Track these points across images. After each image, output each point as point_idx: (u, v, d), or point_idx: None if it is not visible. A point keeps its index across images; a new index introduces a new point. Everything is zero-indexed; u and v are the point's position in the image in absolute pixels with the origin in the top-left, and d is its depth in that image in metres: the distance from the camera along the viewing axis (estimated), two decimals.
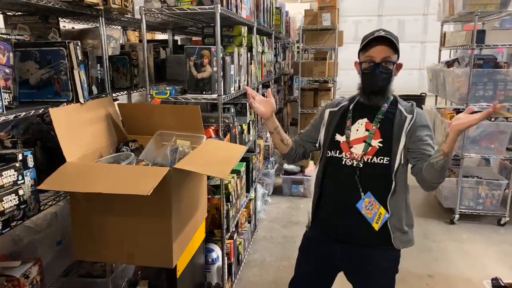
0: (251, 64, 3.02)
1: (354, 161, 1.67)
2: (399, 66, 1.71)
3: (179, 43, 4.01)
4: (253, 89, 3.20)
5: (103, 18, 2.29)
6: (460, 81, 3.61)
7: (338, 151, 1.72)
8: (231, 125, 2.63)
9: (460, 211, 3.79)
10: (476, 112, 1.47)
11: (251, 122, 3.17)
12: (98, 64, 2.37)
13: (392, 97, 1.74)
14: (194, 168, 1.66)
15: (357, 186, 1.65)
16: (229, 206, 2.48)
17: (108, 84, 2.39)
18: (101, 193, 1.47)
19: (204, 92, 2.27)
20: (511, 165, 3.85)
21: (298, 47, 6.67)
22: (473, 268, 3.07)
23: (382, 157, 1.65)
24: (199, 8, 2.12)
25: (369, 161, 1.66)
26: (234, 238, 2.77)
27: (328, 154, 1.75)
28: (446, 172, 1.58)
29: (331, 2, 5.02)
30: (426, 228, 3.73)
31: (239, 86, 2.69)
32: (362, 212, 1.64)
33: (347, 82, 8.79)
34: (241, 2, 2.66)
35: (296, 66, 5.37)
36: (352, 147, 1.69)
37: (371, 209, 1.64)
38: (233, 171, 2.74)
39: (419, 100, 7.47)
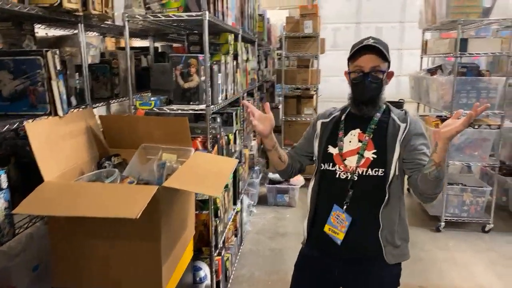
0: (237, 72, 2.93)
1: (348, 174, 1.61)
2: (390, 74, 1.67)
3: (159, 50, 3.88)
4: (238, 98, 3.12)
5: (82, 25, 2.16)
6: (444, 89, 3.62)
7: (331, 164, 1.66)
8: (218, 136, 2.53)
9: (445, 219, 3.79)
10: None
11: (237, 131, 3.07)
12: (77, 73, 2.23)
13: (384, 106, 1.69)
14: (185, 186, 1.55)
15: (346, 197, 1.60)
16: (218, 222, 2.37)
17: (88, 94, 2.25)
18: None
19: (191, 103, 2.16)
20: (493, 172, 3.88)
21: (278, 54, 6.63)
22: (463, 277, 3.05)
23: (377, 169, 1.59)
24: (186, 15, 2.02)
25: (363, 173, 1.60)
26: (222, 254, 2.65)
27: (322, 167, 1.70)
28: (441, 183, 1.51)
29: (313, 10, 5.01)
30: (412, 236, 3.60)
31: (226, 95, 2.59)
32: (331, 212, 1.61)
33: (327, 90, 8.83)
34: (227, 9, 2.57)
35: (279, 73, 5.31)
36: (345, 159, 1.64)
37: (337, 222, 1.61)
38: None
39: (397, 107, 7.51)
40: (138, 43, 4.15)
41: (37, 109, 1.74)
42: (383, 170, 1.58)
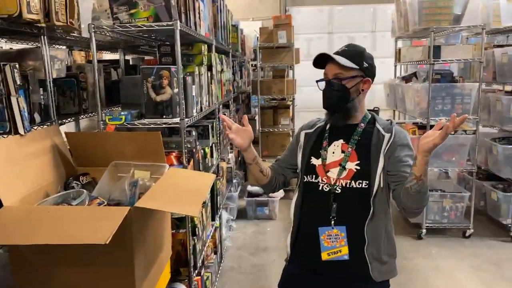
0: (211, 83, 2.85)
1: (331, 186, 1.55)
2: (367, 82, 1.60)
3: (130, 63, 3.76)
4: (214, 110, 3.02)
5: (45, 37, 2.04)
6: (419, 96, 3.64)
7: (314, 176, 1.60)
8: (194, 150, 2.42)
9: (426, 226, 3.78)
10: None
11: (213, 144, 2.97)
12: (41, 88, 2.10)
13: (369, 116, 1.64)
14: (160, 205, 1.44)
15: (330, 212, 1.53)
16: (196, 240, 2.26)
17: (53, 110, 2.11)
18: None
19: (164, 116, 2.05)
20: (471, 177, 3.90)
21: (253, 65, 6.59)
22: (449, 285, 3.02)
23: (361, 181, 1.53)
24: (156, 25, 1.92)
25: (347, 185, 1.54)
26: (202, 273, 2.53)
27: (305, 179, 1.63)
28: (425, 196, 1.43)
29: (286, 20, 5.00)
30: None
31: (201, 107, 2.49)
32: (320, 237, 1.53)
33: (301, 100, 8.84)
34: (200, 19, 2.49)
35: (254, 84, 5.25)
36: (328, 171, 1.57)
37: (333, 241, 1.52)
38: None
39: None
40: (109, 56, 4.02)
41: None
42: (367, 182, 1.52)
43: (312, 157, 1.62)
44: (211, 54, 2.89)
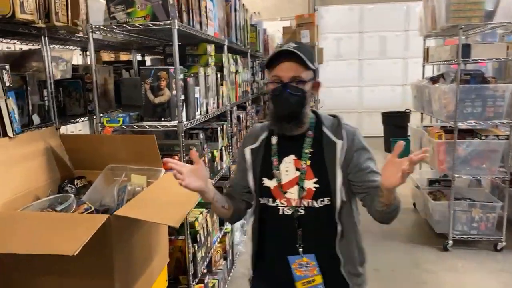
0: (222, 85, 2.76)
1: (292, 209, 1.41)
2: (317, 85, 1.44)
3: (148, 63, 3.74)
4: (225, 111, 2.94)
5: (46, 38, 2.02)
6: (446, 98, 3.40)
7: (271, 199, 1.44)
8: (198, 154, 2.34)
9: (453, 237, 3.53)
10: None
11: (223, 147, 2.89)
12: (45, 90, 2.08)
13: (313, 117, 1.45)
14: (138, 214, 1.37)
15: (296, 240, 1.41)
16: (196, 248, 2.17)
17: (54, 112, 2.09)
18: None
19: (162, 119, 1.98)
20: (504, 185, 3.62)
21: None
22: None
23: (323, 199, 1.40)
24: (153, 25, 1.85)
25: (309, 205, 1.40)
26: (206, 281, 2.45)
27: (261, 201, 1.47)
28: (398, 210, 1.35)
29: (309, 19, 4.85)
30: (417, 256, 3.45)
31: (207, 109, 2.42)
32: (292, 266, 1.40)
33: (330, 100, 8.65)
34: (206, 18, 2.41)
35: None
36: (286, 192, 1.41)
37: (305, 270, 1.41)
38: (201, 205, 2.44)
39: (403, 117, 7.31)
40: (125, 57, 4.02)
41: None
42: (329, 198, 1.39)
43: (263, 178, 1.44)
44: (221, 54, 2.82)
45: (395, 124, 7.24)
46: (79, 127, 2.96)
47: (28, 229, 1.27)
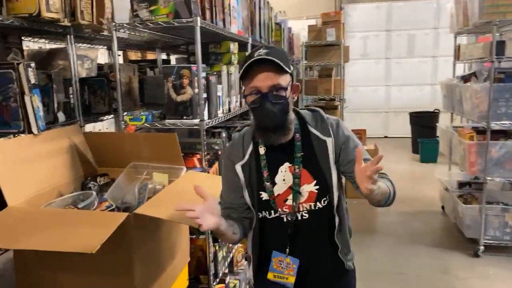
0: None
1: (291, 216, 1.39)
2: (296, 88, 1.38)
3: (173, 62, 3.75)
4: (248, 110, 2.90)
5: (71, 36, 2.04)
6: (479, 97, 3.26)
7: (272, 211, 1.40)
8: (220, 152, 2.33)
9: (484, 242, 3.39)
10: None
11: None
12: (70, 88, 2.11)
13: (296, 120, 1.40)
14: (157, 212, 1.35)
15: (287, 240, 1.41)
16: (217, 247, 2.15)
17: (79, 109, 2.12)
18: None
19: (184, 117, 1.97)
20: None
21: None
22: None
23: (324, 198, 1.40)
24: (175, 22, 1.84)
25: (312, 208, 1.39)
26: (227, 281, 2.42)
27: (260, 215, 1.43)
28: (392, 200, 1.36)
29: (335, 17, 4.76)
30: (446, 262, 3.33)
31: (230, 108, 2.39)
32: (272, 259, 1.42)
33: (356, 100, 8.51)
34: (230, 16, 2.39)
35: (299, 84, 5.08)
36: (286, 199, 1.39)
37: (282, 267, 1.42)
38: None
39: (432, 117, 7.10)
40: (152, 56, 4.05)
41: (10, 127, 1.61)
42: (327, 195, 1.40)
43: (261, 193, 1.39)
44: (245, 52, 2.79)
45: (423, 124, 7.04)
46: (105, 125, 3.00)
47: (49, 226, 1.28)
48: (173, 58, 3.92)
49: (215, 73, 2.20)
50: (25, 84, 1.57)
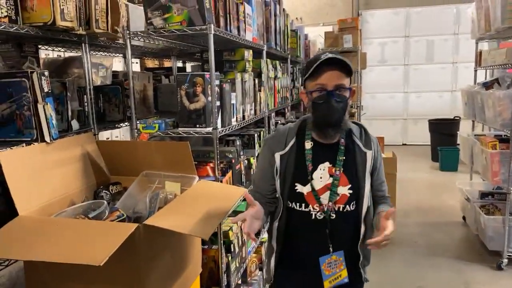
0: (260, 91, 2.71)
1: (326, 213, 1.46)
2: (353, 92, 1.50)
3: (189, 70, 3.75)
4: (263, 117, 2.88)
5: (86, 45, 2.05)
6: (502, 104, 3.16)
7: (304, 205, 1.48)
8: (233, 161, 2.30)
9: (508, 255, 3.26)
10: None
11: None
12: (85, 96, 2.11)
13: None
14: (167, 224, 1.32)
15: (327, 241, 1.47)
16: (230, 258, 2.12)
17: (93, 117, 2.12)
18: None
19: (197, 125, 1.95)
20: None
21: None
22: None
23: (353, 204, 1.49)
24: (189, 30, 1.83)
25: (340, 210, 1.48)
26: None
27: (290, 205, 1.50)
28: None
29: (352, 23, 4.71)
30: (467, 275, 3.21)
31: (244, 116, 2.36)
32: (321, 267, 1.47)
33: (374, 107, 8.40)
34: (244, 23, 2.37)
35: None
36: (320, 197, 1.46)
37: (332, 268, 1.49)
38: (236, 213, 2.38)
39: (452, 124, 6.94)
40: (169, 63, 4.06)
41: (23, 135, 1.61)
42: (355, 203, 1.50)
43: (297, 184, 1.47)
44: (260, 60, 2.76)
45: (443, 132, 6.89)
46: (121, 133, 3.01)
47: (57, 236, 1.26)
48: (188, 66, 3.92)
49: (228, 80, 2.18)
50: (39, 92, 1.57)
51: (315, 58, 1.42)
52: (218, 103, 1.96)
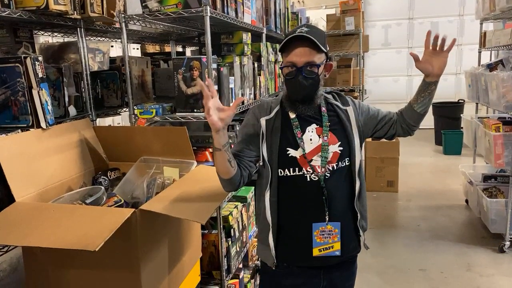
0: (259, 75, 2.67)
1: (319, 174, 1.45)
2: (329, 67, 1.53)
3: (188, 54, 3.71)
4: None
5: (82, 29, 2.02)
6: (506, 86, 3.11)
7: (297, 168, 1.47)
8: (232, 146, 2.27)
9: (510, 238, 3.25)
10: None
11: None
12: (82, 81, 2.09)
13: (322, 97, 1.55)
14: (163, 208, 1.32)
15: (324, 206, 1.45)
16: (230, 243, 2.12)
17: (90, 103, 2.10)
18: None
19: (195, 110, 1.93)
20: None
21: None
22: None
23: (345, 159, 1.50)
24: (185, 12, 1.79)
25: (333, 168, 1.48)
26: (241, 276, 2.39)
27: (281, 173, 1.48)
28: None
29: (354, 5, 4.63)
30: (469, 258, 3.21)
31: (243, 100, 2.33)
32: (313, 233, 1.46)
33: (377, 90, 8.32)
34: (243, 5, 2.32)
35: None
36: (311, 160, 1.47)
37: (325, 237, 1.47)
38: (237, 198, 2.38)
39: (456, 108, 6.87)
40: (169, 48, 4.02)
41: (19, 121, 1.60)
42: (348, 159, 1.50)
43: (288, 149, 1.46)
44: (259, 43, 2.72)
45: (446, 115, 6.82)
46: (123, 120, 2.99)
47: (53, 222, 1.26)
48: (188, 51, 3.88)
49: (227, 64, 2.15)
50: (33, 77, 1.55)
51: (290, 32, 1.43)
52: (215, 87, 1.93)
